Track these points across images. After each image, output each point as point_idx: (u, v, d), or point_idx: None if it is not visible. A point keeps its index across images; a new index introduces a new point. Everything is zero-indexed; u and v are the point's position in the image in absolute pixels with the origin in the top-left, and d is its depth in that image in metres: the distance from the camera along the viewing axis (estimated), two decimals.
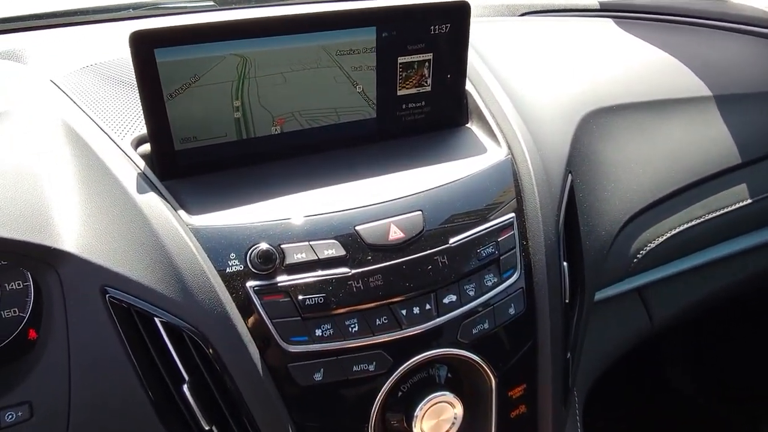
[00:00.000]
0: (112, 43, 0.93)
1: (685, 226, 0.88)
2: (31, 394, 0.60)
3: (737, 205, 0.91)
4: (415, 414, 0.64)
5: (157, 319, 0.59)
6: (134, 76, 0.60)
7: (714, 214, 0.90)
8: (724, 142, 0.92)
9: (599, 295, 0.84)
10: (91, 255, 0.59)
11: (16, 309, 0.66)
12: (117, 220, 0.60)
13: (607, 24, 1.14)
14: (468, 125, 0.80)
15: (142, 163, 0.64)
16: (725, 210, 0.90)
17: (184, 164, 0.66)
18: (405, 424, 0.65)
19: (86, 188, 0.62)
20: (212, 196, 0.64)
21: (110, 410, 0.60)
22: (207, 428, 0.60)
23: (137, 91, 0.61)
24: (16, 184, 0.60)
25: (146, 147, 0.66)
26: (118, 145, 0.65)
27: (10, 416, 0.59)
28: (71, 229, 0.60)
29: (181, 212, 0.61)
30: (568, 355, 0.75)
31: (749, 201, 0.91)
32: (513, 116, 0.77)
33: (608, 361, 0.88)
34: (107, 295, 0.58)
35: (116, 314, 0.59)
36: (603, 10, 1.23)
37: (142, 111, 0.62)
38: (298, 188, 0.66)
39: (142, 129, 0.67)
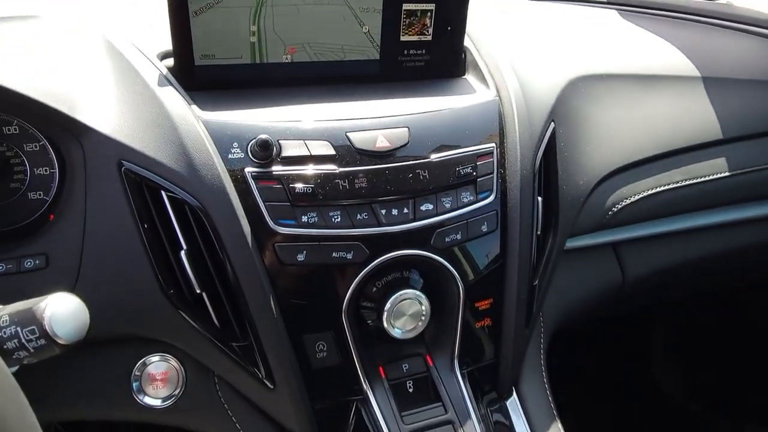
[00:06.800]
0: None
1: (663, 188, 0.93)
2: (49, 248, 0.68)
3: (714, 176, 0.96)
4: (386, 307, 0.70)
5: (163, 192, 0.66)
6: None
7: (691, 182, 0.95)
8: (706, 118, 0.98)
9: (574, 243, 0.89)
10: (112, 132, 0.67)
11: (41, 192, 0.74)
12: (137, 106, 0.69)
13: (611, 13, 1.21)
14: (464, 77, 0.87)
15: (165, 71, 0.73)
16: (702, 179, 0.95)
17: (201, 79, 0.73)
18: (376, 316, 0.71)
19: (113, 80, 0.71)
20: (224, 104, 0.72)
21: (116, 270, 0.68)
22: (198, 292, 0.67)
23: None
24: (53, 62, 0.70)
25: (170, 61, 0.74)
26: (145, 55, 0.74)
27: (28, 263, 0.67)
28: (95, 109, 0.68)
29: (194, 107, 0.69)
30: (536, 282, 0.81)
31: (726, 174, 0.96)
32: (506, 69, 0.84)
33: (578, 308, 0.92)
34: (123, 168, 0.67)
35: (129, 186, 0.67)
36: (610, 3, 1.30)
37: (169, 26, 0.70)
38: (301, 104, 0.74)
39: (168, 44, 0.76)
